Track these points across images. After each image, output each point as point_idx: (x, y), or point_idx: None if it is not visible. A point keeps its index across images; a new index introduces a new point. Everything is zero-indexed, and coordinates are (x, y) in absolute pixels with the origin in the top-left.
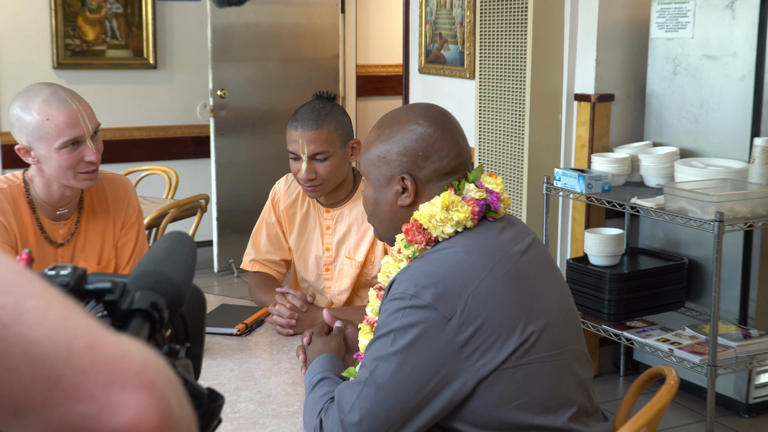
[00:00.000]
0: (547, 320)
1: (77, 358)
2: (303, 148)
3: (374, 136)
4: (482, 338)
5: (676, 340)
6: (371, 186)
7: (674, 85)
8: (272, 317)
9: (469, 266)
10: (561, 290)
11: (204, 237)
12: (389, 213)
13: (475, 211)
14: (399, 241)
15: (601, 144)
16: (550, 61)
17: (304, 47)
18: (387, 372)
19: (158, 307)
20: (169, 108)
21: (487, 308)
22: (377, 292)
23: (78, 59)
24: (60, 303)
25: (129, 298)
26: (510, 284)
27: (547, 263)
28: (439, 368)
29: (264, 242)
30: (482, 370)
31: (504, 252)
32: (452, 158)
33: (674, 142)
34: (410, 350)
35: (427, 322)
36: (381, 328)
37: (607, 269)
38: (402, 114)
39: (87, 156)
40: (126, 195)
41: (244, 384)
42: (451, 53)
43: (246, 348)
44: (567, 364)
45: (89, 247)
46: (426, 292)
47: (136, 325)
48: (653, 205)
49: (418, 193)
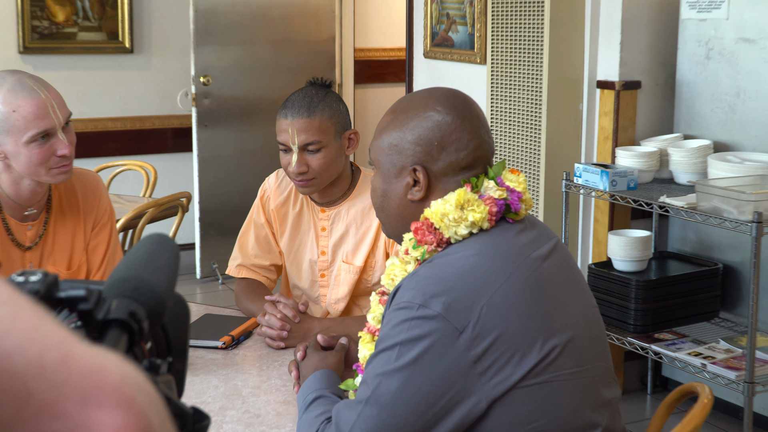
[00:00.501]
0: (571, 334)
1: (49, 372)
2: (293, 138)
3: (387, 122)
4: (498, 353)
5: (710, 354)
6: (380, 176)
7: (707, 72)
8: (261, 329)
9: (484, 273)
10: (586, 300)
11: (185, 239)
12: (398, 207)
13: (493, 211)
14: (407, 241)
15: (627, 136)
16: (570, 44)
17: (297, 29)
18: (391, 390)
19: (137, 318)
20: (146, 96)
21: (503, 320)
22: (380, 297)
23: (46, 43)
24: (30, 312)
25: (105, 307)
26: (529, 293)
27: (570, 270)
28: (449, 386)
29: (252, 245)
30: (497, 389)
31: (523, 257)
32: (471, 151)
33: (707, 135)
34: (417, 366)
35: (437, 335)
36: (384, 341)
37: (633, 275)
38: (418, 99)
39: (59, 149)
40: (96, 193)
41: (230, 403)
42: (459, 35)
43: (232, 363)
44: (591, 382)
45: (58, 251)
46: (435, 301)
47: (112, 337)
48: (684, 204)
49: (430, 187)
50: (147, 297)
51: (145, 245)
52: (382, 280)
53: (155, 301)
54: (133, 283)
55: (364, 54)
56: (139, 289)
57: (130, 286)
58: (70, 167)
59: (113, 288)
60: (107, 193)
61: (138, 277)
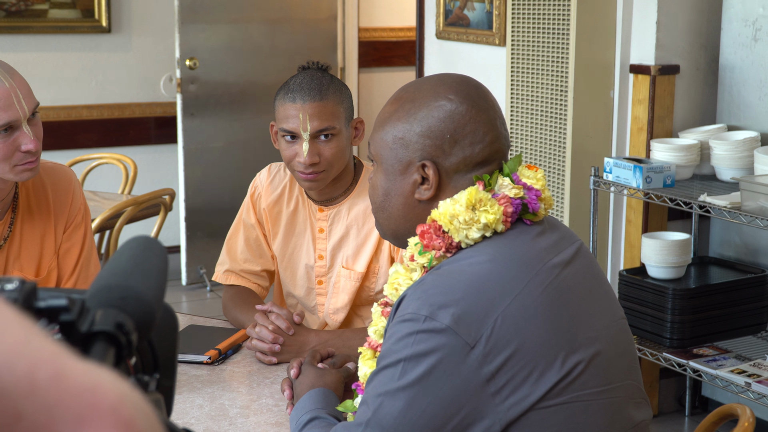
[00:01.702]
0: (596, 348)
1: (41, 391)
2: (305, 124)
3: (391, 112)
4: (514, 370)
5: (755, 372)
6: (382, 172)
7: (754, 55)
8: (251, 341)
9: (498, 281)
10: (613, 311)
11: (169, 242)
12: (402, 208)
13: (509, 212)
14: (412, 246)
15: (663, 127)
16: (600, 24)
17: (294, 6)
18: (393, 411)
19: (125, 329)
20: (126, 82)
21: (520, 333)
22: (382, 309)
23: (13, 21)
24: (17, 324)
25: (89, 318)
26: (549, 304)
27: (595, 277)
28: (458, 407)
29: (241, 248)
30: (513, 410)
31: (542, 263)
32: (487, 144)
33: (754, 126)
34: (423, 384)
35: (445, 350)
36: (387, 357)
37: (670, 283)
38: (427, 86)
39: (24, 144)
40: (68, 190)
41: (216, 424)
42: (476, 14)
43: (219, 380)
44: (619, 402)
45: (25, 255)
46: (444, 312)
47: (99, 351)
48: (726, 203)
49: (441, 185)
50: (135, 307)
51: (131, 249)
52: (385, 290)
53: (144, 311)
54: (119, 291)
55: (369, 34)
56: (127, 298)
57: (116, 294)
58: (36, 164)
59: (98, 297)
60: (81, 190)
61: (124, 284)
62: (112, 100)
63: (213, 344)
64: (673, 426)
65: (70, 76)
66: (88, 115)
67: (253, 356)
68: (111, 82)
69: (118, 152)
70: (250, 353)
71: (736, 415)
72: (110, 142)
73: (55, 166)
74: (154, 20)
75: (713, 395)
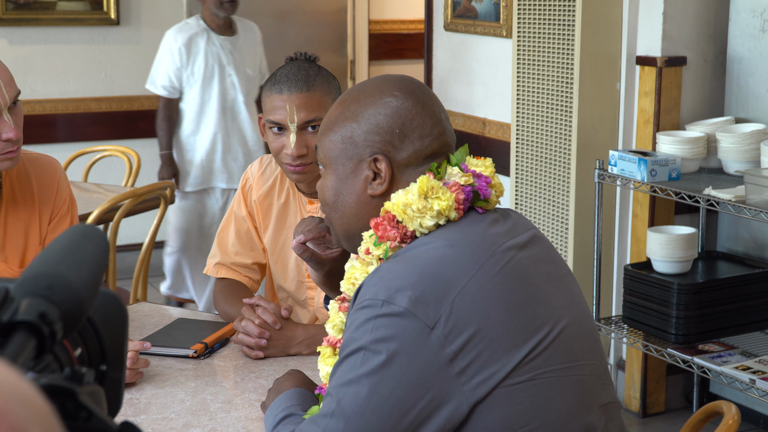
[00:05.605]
0: (559, 326)
1: None
2: (292, 116)
3: (336, 114)
4: (477, 349)
5: (760, 369)
6: (332, 173)
7: (762, 46)
8: (238, 335)
9: (454, 263)
10: (574, 294)
11: None
12: (355, 206)
13: (460, 198)
14: (367, 239)
15: (670, 120)
16: (607, 15)
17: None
18: (358, 399)
19: (48, 320)
20: (135, 74)
21: (479, 313)
22: (339, 304)
23: (22, 13)
24: None
25: (12, 307)
26: (507, 283)
27: (553, 262)
28: (423, 391)
29: (232, 241)
30: (479, 390)
31: (497, 246)
32: (435, 137)
33: (762, 118)
34: (385, 370)
35: (405, 334)
36: (347, 346)
37: (676, 278)
38: (371, 86)
39: (4, 133)
40: (53, 179)
41: (195, 419)
42: (484, 5)
43: (204, 374)
44: (585, 380)
45: (10, 246)
46: (401, 295)
47: (18, 342)
48: (733, 197)
49: (393, 180)
50: (62, 296)
51: (67, 237)
52: (342, 286)
53: (72, 300)
54: (46, 280)
55: (380, 27)
56: (54, 287)
57: (43, 283)
58: (17, 153)
59: (24, 285)
60: (67, 181)
61: (53, 273)
62: (120, 93)
63: (200, 338)
64: (680, 423)
65: (79, 68)
66: (97, 107)
67: (241, 350)
68: (120, 75)
69: (127, 145)
70: (237, 347)
71: (721, 412)
72: (119, 134)
73: (39, 157)
74: (163, 12)
75: (721, 392)
